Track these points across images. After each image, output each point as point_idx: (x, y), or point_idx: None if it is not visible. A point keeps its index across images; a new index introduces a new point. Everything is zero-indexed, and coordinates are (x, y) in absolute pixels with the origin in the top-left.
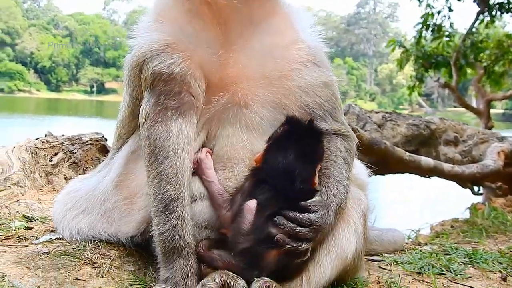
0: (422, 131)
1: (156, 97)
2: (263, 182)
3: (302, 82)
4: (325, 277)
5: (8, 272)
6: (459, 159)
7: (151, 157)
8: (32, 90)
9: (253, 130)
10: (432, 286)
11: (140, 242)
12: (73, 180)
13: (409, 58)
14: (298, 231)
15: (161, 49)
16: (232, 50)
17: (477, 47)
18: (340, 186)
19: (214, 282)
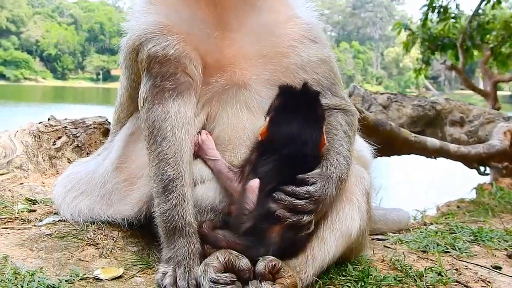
0: (428, 112)
1: (152, 79)
2: (269, 154)
3: (299, 59)
4: (330, 254)
5: (11, 254)
6: (465, 139)
7: (150, 138)
8: (38, 78)
9: (253, 109)
10: (437, 264)
11: (142, 223)
12: (73, 164)
13: (415, 41)
14: (297, 204)
15: (155, 32)
16: (227, 30)
17: (483, 29)
18: (340, 157)
19: (217, 261)
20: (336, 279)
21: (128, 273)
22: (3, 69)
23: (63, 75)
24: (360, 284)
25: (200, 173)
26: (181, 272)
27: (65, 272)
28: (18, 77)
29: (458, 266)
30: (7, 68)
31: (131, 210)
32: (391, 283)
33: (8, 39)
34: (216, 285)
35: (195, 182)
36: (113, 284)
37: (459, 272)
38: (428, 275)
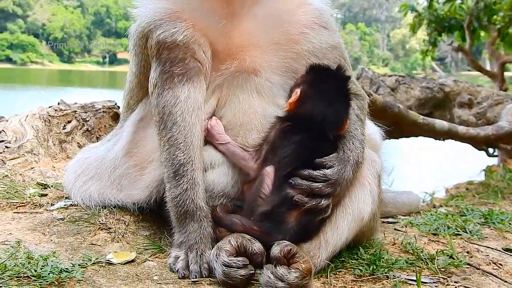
0: (436, 93)
1: (162, 65)
2: (290, 132)
3: (311, 46)
4: (342, 238)
5: (24, 238)
6: (474, 121)
7: (161, 124)
8: (45, 61)
9: (264, 95)
10: (448, 247)
11: (152, 207)
12: (83, 149)
13: (421, 23)
14: (315, 187)
15: (164, 18)
16: (236, 18)
17: (490, 9)
18: (356, 141)
19: (229, 244)
20: (348, 263)
21: (140, 257)
22: (10, 53)
23: (69, 59)
24: (372, 268)
25: (210, 159)
26: (193, 256)
27: (77, 256)
28: (25, 60)
29: (469, 248)
30: (13, 52)
31: (142, 195)
32: (403, 266)
33: (14, 22)
34: (228, 268)
35: (206, 167)
36: (126, 268)
37: (470, 254)
38: (439, 258)
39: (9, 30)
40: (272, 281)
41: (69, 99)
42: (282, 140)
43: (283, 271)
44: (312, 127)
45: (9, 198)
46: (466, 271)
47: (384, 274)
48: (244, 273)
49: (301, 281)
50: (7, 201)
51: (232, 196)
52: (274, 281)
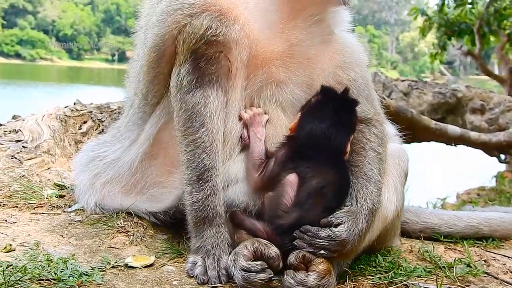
0: (449, 99)
1: (194, 61)
2: (297, 153)
3: (336, 70)
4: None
5: (43, 240)
6: (486, 127)
7: (187, 123)
8: (54, 58)
9: (286, 109)
10: (465, 255)
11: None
12: (90, 144)
13: (431, 26)
14: (317, 244)
15: (212, 10)
16: (288, 27)
17: (500, 14)
18: (370, 185)
19: (246, 249)
20: (367, 270)
21: (159, 261)
22: (19, 48)
23: (78, 56)
24: (390, 276)
25: (235, 173)
26: (210, 262)
27: (96, 259)
28: (34, 56)
29: (486, 257)
30: (23, 48)
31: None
32: (421, 274)
33: (24, 18)
34: (247, 273)
35: (229, 181)
36: (145, 272)
37: (487, 263)
38: (457, 266)
39: (19, 26)
40: (293, 286)
41: (80, 97)
42: (291, 160)
43: (302, 276)
44: (312, 152)
45: (26, 198)
46: (484, 280)
47: (402, 282)
48: (263, 277)
49: (320, 281)
50: (25, 202)
51: (252, 210)
52: (295, 286)
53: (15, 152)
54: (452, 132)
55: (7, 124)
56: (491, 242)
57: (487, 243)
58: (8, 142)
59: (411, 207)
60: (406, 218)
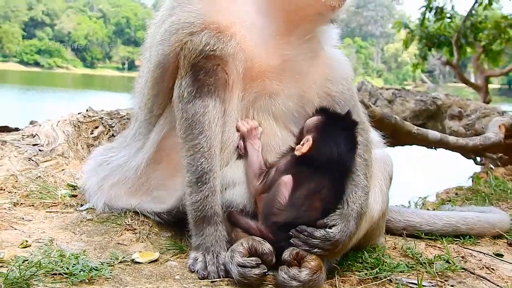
0: (429, 106)
1: (195, 73)
2: (303, 165)
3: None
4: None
5: (56, 236)
6: (463, 132)
7: (187, 130)
8: (69, 66)
9: (279, 120)
10: (444, 251)
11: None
12: (98, 151)
13: (413, 38)
14: (312, 243)
15: (211, 28)
16: (283, 42)
17: (476, 28)
18: (359, 190)
19: (242, 246)
20: (354, 266)
21: (163, 257)
22: (38, 57)
23: (92, 64)
24: (375, 271)
25: (232, 177)
26: (210, 258)
27: (105, 255)
28: (51, 65)
29: (464, 253)
30: (41, 57)
31: (170, 204)
32: (403, 270)
33: (43, 30)
34: (243, 268)
35: (227, 185)
36: (150, 267)
37: (465, 259)
38: (437, 262)
39: (37, 37)
40: (287, 281)
41: (92, 103)
42: (295, 170)
43: (295, 271)
44: (324, 171)
45: (42, 198)
46: (462, 275)
47: (386, 277)
48: (258, 272)
49: (311, 277)
50: (40, 201)
51: (249, 211)
52: (289, 281)
53: (32, 155)
54: (432, 136)
55: (25, 129)
56: (468, 239)
57: (464, 240)
58: (26, 145)
59: (394, 207)
60: (390, 216)
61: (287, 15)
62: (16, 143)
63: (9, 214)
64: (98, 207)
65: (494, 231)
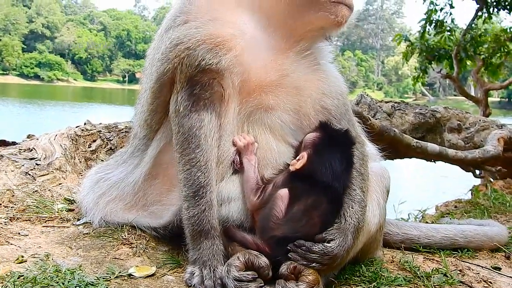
0: (428, 119)
1: (191, 87)
2: (299, 181)
3: (322, 98)
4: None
5: (53, 251)
6: (462, 145)
7: (183, 144)
8: (70, 79)
9: (276, 133)
10: (442, 265)
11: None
12: (95, 169)
13: (414, 51)
14: (310, 258)
15: (208, 42)
16: (281, 57)
17: (476, 41)
18: (356, 205)
19: (238, 260)
20: (351, 279)
21: (160, 271)
22: (38, 70)
23: (92, 77)
24: (373, 285)
25: (228, 193)
26: (207, 273)
27: (102, 269)
28: (52, 77)
29: (462, 267)
30: (41, 70)
31: (167, 219)
32: (401, 284)
33: (43, 43)
34: (240, 283)
35: (223, 200)
36: (147, 282)
37: (462, 273)
38: (435, 275)
39: (38, 50)
40: None
41: (93, 116)
42: (293, 196)
43: (292, 285)
44: (321, 187)
45: (38, 212)
46: None
47: None
48: (254, 286)
49: None
50: (37, 215)
51: (246, 226)
52: None
53: (29, 169)
54: (431, 149)
55: (22, 143)
56: (466, 252)
57: (462, 253)
58: (23, 159)
59: (392, 220)
60: (388, 229)
61: (289, 30)
62: (13, 157)
63: (5, 229)
64: (94, 223)
65: (492, 244)
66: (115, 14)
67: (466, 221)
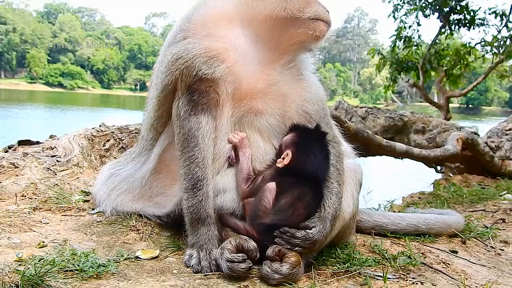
0: (397, 122)
1: (190, 94)
2: (285, 174)
3: (304, 104)
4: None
5: (70, 237)
6: (426, 144)
7: (184, 143)
8: (89, 87)
9: (264, 134)
10: (406, 248)
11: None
12: (108, 166)
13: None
14: (293, 243)
15: (206, 56)
16: (269, 68)
17: (439, 55)
18: (333, 196)
19: (230, 244)
20: (328, 260)
21: (163, 254)
22: (61, 79)
23: (108, 85)
24: (347, 265)
25: (223, 184)
26: (203, 255)
27: (112, 252)
28: (73, 86)
29: (424, 250)
30: (64, 79)
31: (170, 207)
32: (371, 264)
33: (65, 55)
34: (231, 263)
35: (218, 191)
36: (151, 263)
37: (424, 255)
38: (400, 257)
39: (61, 61)
40: (270, 274)
41: (108, 119)
42: (278, 179)
43: (277, 266)
44: (304, 179)
45: (58, 203)
46: (421, 269)
47: (356, 271)
48: (244, 266)
49: (291, 271)
50: (57, 206)
51: (238, 214)
52: (272, 274)
53: (51, 165)
54: (399, 148)
55: (45, 142)
56: (428, 238)
57: (424, 238)
58: (45, 157)
59: (364, 209)
60: (360, 217)
61: (275, 44)
62: (37, 154)
63: (28, 218)
64: (107, 212)
65: (450, 231)
66: (128, 30)
67: (428, 210)
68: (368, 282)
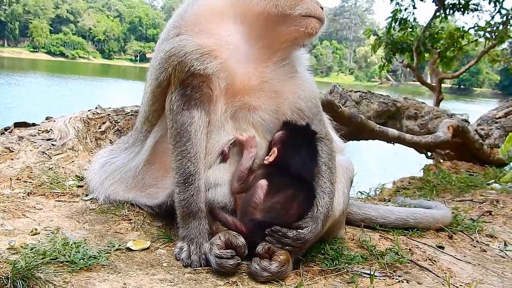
0: (390, 107)
1: (183, 89)
2: (276, 173)
3: (297, 101)
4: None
5: (62, 225)
6: (418, 130)
7: (176, 138)
8: (90, 57)
9: (258, 130)
10: (394, 243)
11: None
12: (102, 152)
13: (381, 44)
14: (284, 242)
15: (199, 52)
16: (262, 65)
17: (433, 37)
18: (325, 195)
19: (219, 240)
20: (316, 257)
21: (154, 245)
22: (63, 49)
23: (109, 56)
24: (335, 263)
25: (215, 179)
26: (193, 248)
27: (104, 242)
28: (75, 56)
29: (411, 245)
30: (66, 49)
31: (162, 198)
32: (359, 261)
33: (67, 26)
34: (220, 259)
35: (211, 185)
36: (142, 254)
37: (411, 251)
38: (388, 254)
39: (63, 32)
40: (258, 271)
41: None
42: (269, 177)
43: (266, 263)
44: (292, 177)
45: (52, 188)
46: (408, 266)
47: (344, 268)
48: (232, 262)
49: (280, 269)
50: (51, 191)
51: (229, 208)
52: (260, 271)
53: (46, 149)
54: (391, 133)
55: (41, 124)
56: (415, 232)
57: (412, 232)
58: (41, 140)
59: (355, 202)
60: (351, 210)
61: (268, 41)
62: (32, 138)
63: (22, 203)
64: (100, 200)
65: (438, 225)
66: (129, 3)
67: (417, 200)
68: (355, 280)
